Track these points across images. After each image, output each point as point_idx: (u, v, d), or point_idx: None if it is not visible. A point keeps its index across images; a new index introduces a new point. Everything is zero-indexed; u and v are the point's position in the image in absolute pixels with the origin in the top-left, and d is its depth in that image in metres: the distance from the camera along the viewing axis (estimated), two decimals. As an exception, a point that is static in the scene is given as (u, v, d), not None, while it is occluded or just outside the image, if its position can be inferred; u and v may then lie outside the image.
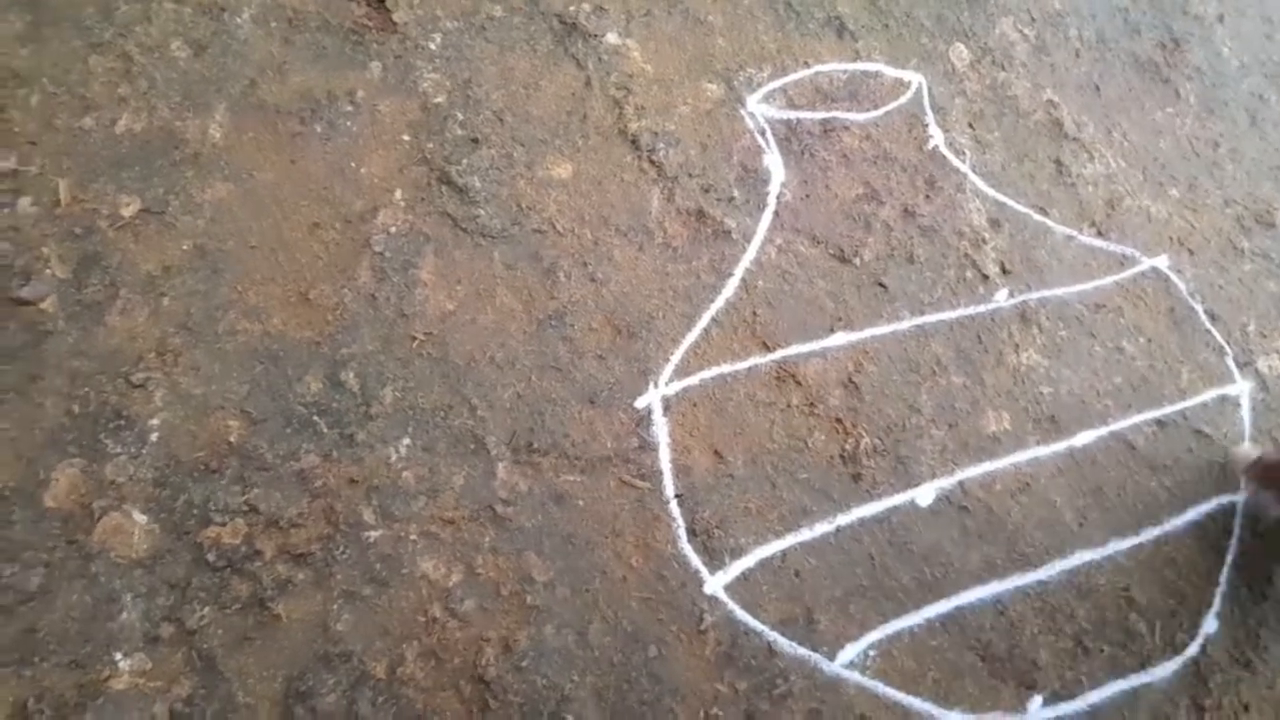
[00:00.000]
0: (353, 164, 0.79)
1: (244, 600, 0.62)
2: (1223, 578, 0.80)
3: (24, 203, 0.70)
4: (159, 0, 0.82)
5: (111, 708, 0.58)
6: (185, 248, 0.72)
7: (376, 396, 0.71)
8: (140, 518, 0.63)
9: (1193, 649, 0.77)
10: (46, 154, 0.72)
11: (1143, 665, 0.75)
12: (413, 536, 0.67)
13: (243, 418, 0.68)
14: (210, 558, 0.63)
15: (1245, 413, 0.88)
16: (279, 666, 0.62)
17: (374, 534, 0.67)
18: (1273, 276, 0.97)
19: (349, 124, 0.80)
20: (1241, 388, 0.90)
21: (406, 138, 0.81)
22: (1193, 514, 0.82)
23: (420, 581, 0.66)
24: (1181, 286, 0.94)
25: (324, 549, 0.65)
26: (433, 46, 0.86)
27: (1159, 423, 0.86)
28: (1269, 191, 1.03)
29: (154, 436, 0.65)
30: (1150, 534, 0.81)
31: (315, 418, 0.69)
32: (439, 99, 0.84)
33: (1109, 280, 0.92)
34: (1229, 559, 0.81)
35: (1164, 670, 0.76)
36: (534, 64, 0.88)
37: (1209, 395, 0.89)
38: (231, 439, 0.67)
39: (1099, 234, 0.95)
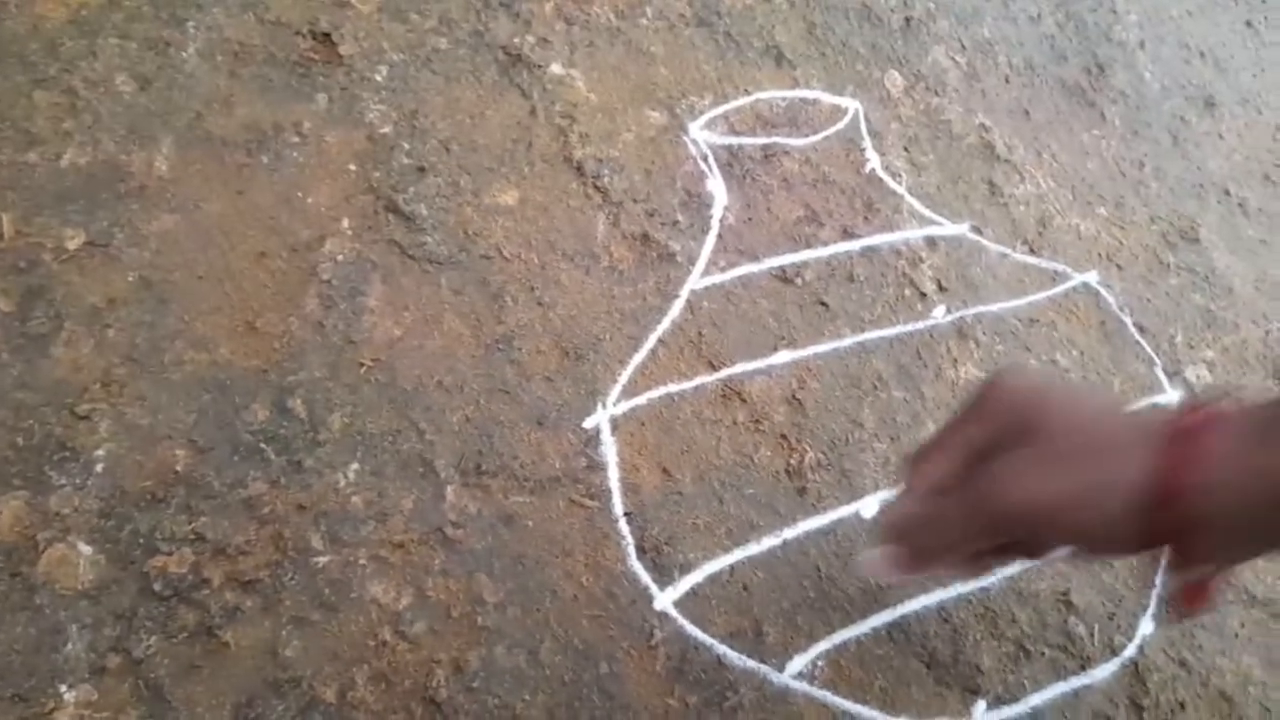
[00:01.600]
0: (299, 194, 0.80)
1: (191, 629, 0.62)
2: (1157, 580, 0.82)
3: (-35, 238, 0.70)
4: (104, 36, 0.83)
5: (56, 741, 0.58)
6: (131, 279, 0.73)
7: (324, 423, 0.71)
8: (85, 549, 0.63)
9: (1130, 650, 0.79)
10: (-11, 188, 0.73)
11: (1083, 667, 0.78)
12: (362, 561, 0.68)
13: (189, 447, 0.68)
14: (157, 587, 0.63)
15: (1175, 420, 0.91)
16: (228, 694, 0.61)
17: (323, 559, 0.67)
18: (1198, 289, 1.01)
19: (296, 155, 0.82)
20: (1171, 397, 0.93)
21: (353, 167, 0.82)
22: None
23: (370, 605, 0.66)
24: (1111, 300, 0.98)
25: (272, 575, 0.65)
26: (379, 78, 0.87)
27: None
28: (1192, 208, 1.07)
29: (99, 467, 0.65)
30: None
31: (263, 445, 0.69)
32: (385, 129, 0.85)
33: (1042, 295, 0.95)
34: (1163, 562, 0.83)
35: (1103, 671, 0.78)
36: (479, 94, 0.90)
37: (1141, 404, 0.92)
38: (178, 468, 0.67)
39: (1031, 251, 0.98)
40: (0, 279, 0.68)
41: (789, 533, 0.77)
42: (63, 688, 0.59)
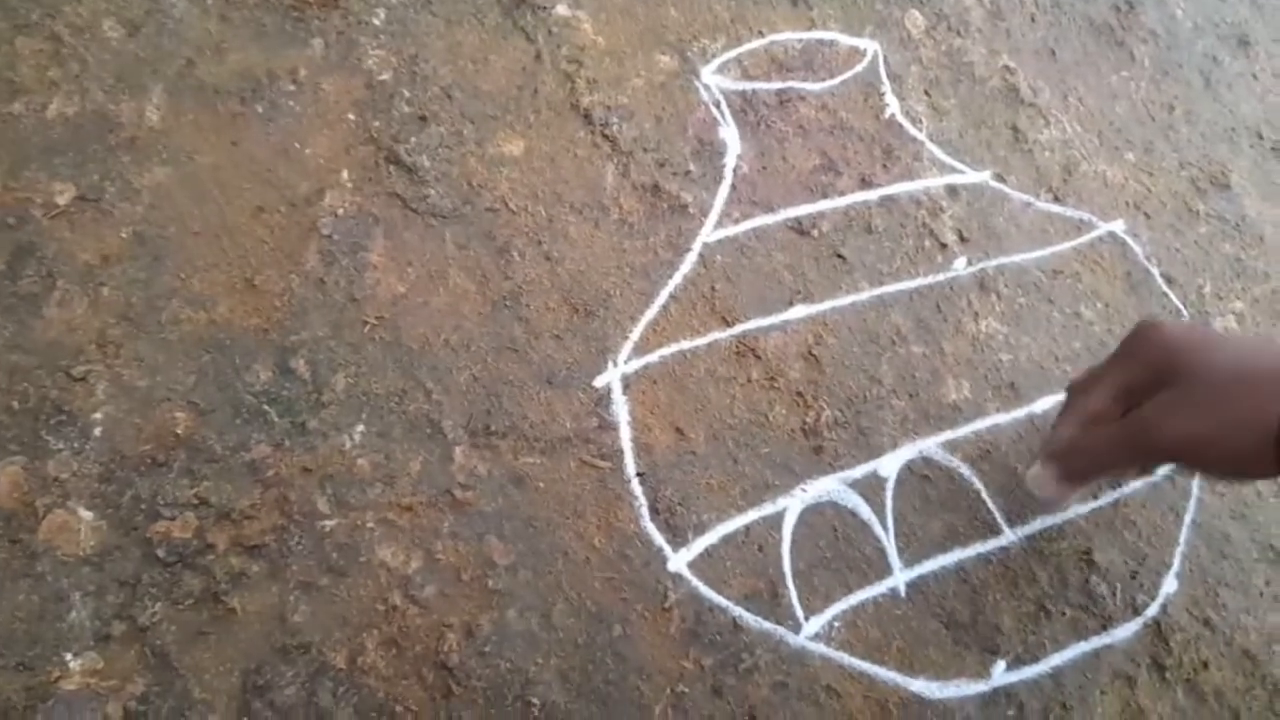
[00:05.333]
0: (297, 145, 0.77)
1: (197, 595, 0.61)
2: (1181, 538, 0.80)
3: (-48, 193, 0.68)
4: (90, -22, 0.79)
5: (63, 709, 0.57)
6: (124, 235, 0.70)
7: (328, 383, 0.69)
8: (86, 514, 0.61)
9: (1153, 609, 0.77)
10: (-26, 142, 0.70)
11: (1104, 627, 0.76)
12: (369, 524, 0.66)
13: (190, 409, 0.66)
14: (160, 553, 0.61)
15: (1202, 374, 0.89)
16: (236, 661, 0.60)
17: (329, 523, 0.65)
18: (1227, 238, 0.98)
19: (291, 104, 0.78)
20: (1198, 349, 0.90)
21: (352, 116, 0.79)
22: (1151, 476, 0.83)
23: (379, 569, 0.65)
24: (1138, 250, 0.94)
25: (278, 540, 0.64)
26: (377, 22, 0.84)
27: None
28: (1223, 153, 1.03)
29: (97, 431, 0.64)
30: (1109, 497, 0.81)
31: (265, 407, 0.67)
32: (384, 76, 0.81)
33: (1066, 246, 0.92)
34: (1187, 519, 0.81)
35: (1125, 631, 0.77)
36: (482, 38, 0.86)
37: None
38: (179, 431, 0.65)
39: (1056, 199, 0.95)
40: (-11, 236, 0.65)
41: (805, 492, 0.75)
42: (68, 655, 0.58)
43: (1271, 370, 0.49)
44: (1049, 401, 0.84)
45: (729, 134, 0.87)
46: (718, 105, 0.88)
